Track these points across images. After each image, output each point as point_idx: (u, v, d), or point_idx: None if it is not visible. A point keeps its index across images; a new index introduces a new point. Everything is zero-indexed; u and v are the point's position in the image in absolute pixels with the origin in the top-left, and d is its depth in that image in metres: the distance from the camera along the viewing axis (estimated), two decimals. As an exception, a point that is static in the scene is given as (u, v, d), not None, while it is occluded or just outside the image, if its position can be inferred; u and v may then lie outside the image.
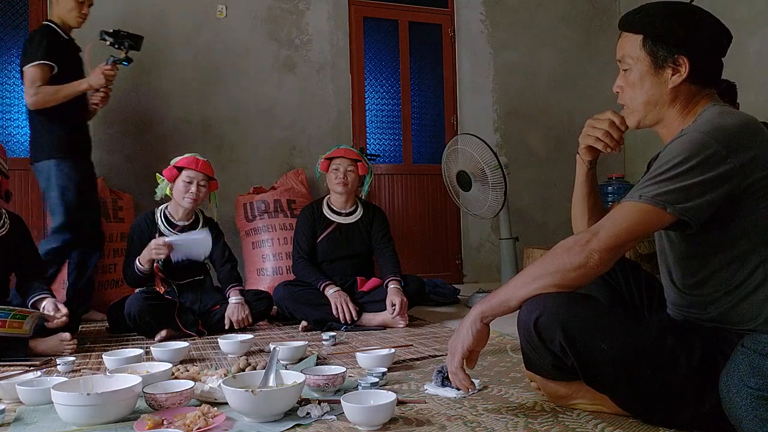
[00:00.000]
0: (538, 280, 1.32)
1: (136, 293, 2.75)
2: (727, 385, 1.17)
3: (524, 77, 5.16)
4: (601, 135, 1.46)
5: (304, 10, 4.50)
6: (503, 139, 5.07)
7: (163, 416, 1.43)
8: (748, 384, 1.13)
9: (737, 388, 1.14)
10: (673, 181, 1.23)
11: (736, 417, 1.15)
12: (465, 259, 4.98)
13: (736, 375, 1.15)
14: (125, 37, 3.17)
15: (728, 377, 1.17)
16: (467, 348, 1.37)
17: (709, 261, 1.31)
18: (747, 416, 1.12)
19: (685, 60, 1.32)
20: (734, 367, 1.17)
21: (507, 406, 1.55)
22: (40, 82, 3.01)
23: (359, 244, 3.17)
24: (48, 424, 1.49)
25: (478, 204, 3.68)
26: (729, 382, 1.16)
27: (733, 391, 1.15)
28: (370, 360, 1.95)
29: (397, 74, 4.88)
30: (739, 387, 1.14)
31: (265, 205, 3.94)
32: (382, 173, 4.78)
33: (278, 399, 1.45)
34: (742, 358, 1.17)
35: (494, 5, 5.07)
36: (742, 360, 1.16)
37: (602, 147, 1.47)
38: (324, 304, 2.87)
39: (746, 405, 1.13)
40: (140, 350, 2.12)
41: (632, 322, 1.33)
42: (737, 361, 1.17)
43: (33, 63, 3.02)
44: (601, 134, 1.46)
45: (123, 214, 3.68)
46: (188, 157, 2.91)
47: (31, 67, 3.02)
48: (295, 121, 4.46)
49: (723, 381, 1.18)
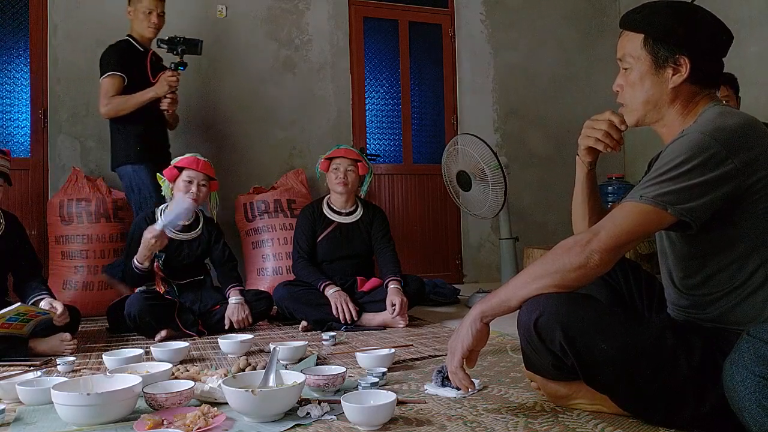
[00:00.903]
0: (538, 280, 1.32)
1: (136, 293, 2.75)
2: (731, 373, 1.15)
3: (524, 77, 5.16)
4: (600, 136, 1.46)
5: (304, 10, 4.50)
6: (503, 139, 5.07)
7: (163, 416, 1.42)
8: (754, 371, 1.12)
9: (742, 376, 1.13)
10: (674, 181, 1.23)
11: (740, 405, 1.14)
12: (465, 259, 4.98)
13: (741, 363, 1.14)
14: (179, 42, 3.30)
15: (732, 365, 1.16)
16: (467, 348, 1.37)
17: (709, 261, 1.31)
18: (750, 404, 1.11)
19: (686, 60, 1.32)
20: (739, 355, 1.15)
21: (507, 406, 1.55)
22: (112, 93, 3.22)
23: (359, 244, 3.17)
24: (48, 424, 1.49)
25: (478, 204, 3.67)
26: (733, 370, 1.15)
27: (737, 379, 1.13)
28: (370, 360, 1.95)
29: (397, 74, 4.88)
30: (743, 375, 1.13)
31: (265, 205, 3.94)
32: (382, 173, 4.78)
33: (278, 399, 1.45)
34: (747, 347, 1.15)
35: (494, 5, 5.07)
36: (747, 348, 1.15)
37: (602, 147, 1.47)
38: (324, 304, 2.87)
39: (750, 393, 1.11)
40: (140, 350, 2.12)
41: (632, 322, 1.33)
42: (742, 349, 1.16)
43: (104, 75, 3.26)
44: (600, 135, 1.46)
45: (123, 214, 3.68)
46: (189, 157, 2.91)
47: (103, 79, 3.25)
48: (295, 121, 4.46)
49: (727, 369, 1.17)
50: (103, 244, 3.57)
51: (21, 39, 3.92)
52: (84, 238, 3.54)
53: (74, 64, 3.93)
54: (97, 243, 3.56)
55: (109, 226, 3.59)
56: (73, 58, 3.93)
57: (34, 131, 3.89)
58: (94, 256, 3.54)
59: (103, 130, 3.95)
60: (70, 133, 3.92)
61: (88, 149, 3.95)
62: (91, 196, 3.63)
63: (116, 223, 3.64)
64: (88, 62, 3.94)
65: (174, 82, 3.26)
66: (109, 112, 3.25)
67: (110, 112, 3.25)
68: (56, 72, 3.90)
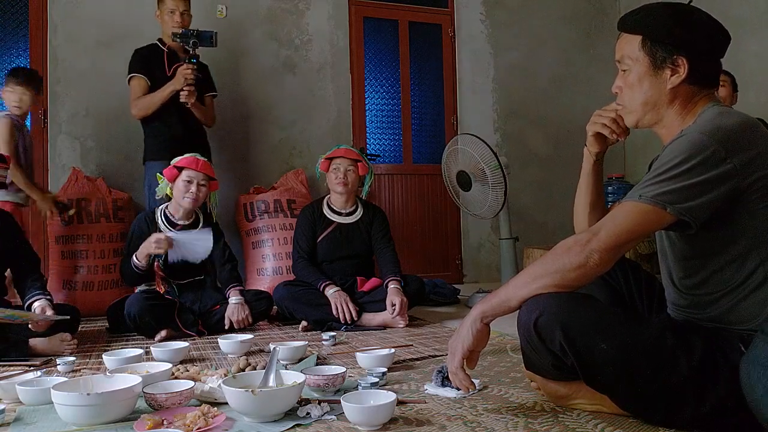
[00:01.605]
0: (538, 280, 1.32)
1: (136, 293, 2.75)
2: (748, 372, 1.15)
3: (524, 77, 5.16)
4: (608, 122, 1.48)
5: (304, 10, 4.50)
6: (503, 139, 5.07)
7: (163, 416, 1.42)
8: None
9: (759, 374, 1.12)
10: (673, 181, 1.23)
11: (758, 403, 1.13)
12: (465, 259, 4.98)
13: (758, 361, 1.14)
14: (192, 35, 3.35)
15: (749, 364, 1.15)
16: (467, 348, 1.37)
17: (709, 261, 1.31)
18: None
19: (684, 61, 1.32)
20: (755, 353, 1.15)
21: (507, 406, 1.55)
22: (138, 94, 3.40)
23: (359, 244, 3.17)
24: (48, 424, 1.49)
25: (478, 204, 3.68)
26: (750, 369, 1.15)
27: (755, 378, 1.13)
28: (370, 360, 1.95)
29: (397, 74, 4.88)
30: (760, 373, 1.12)
31: (265, 205, 3.95)
32: (382, 173, 4.78)
33: (278, 399, 1.45)
34: (762, 345, 1.15)
35: (494, 5, 5.07)
36: (762, 346, 1.15)
37: (608, 133, 1.49)
38: (324, 304, 2.87)
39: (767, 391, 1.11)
40: (140, 350, 2.12)
41: (632, 322, 1.33)
42: (757, 347, 1.16)
43: (128, 77, 3.45)
44: (608, 121, 1.48)
45: (123, 214, 3.69)
46: (188, 157, 2.91)
47: (129, 82, 3.44)
48: (295, 121, 4.46)
49: (743, 368, 1.17)
50: (102, 244, 3.57)
51: (21, 39, 3.93)
52: (84, 237, 3.54)
53: (74, 64, 3.93)
54: (97, 243, 3.56)
55: (109, 226, 3.60)
56: (73, 58, 3.93)
57: (34, 131, 3.89)
58: (94, 256, 3.54)
59: (103, 130, 3.97)
60: (70, 133, 3.92)
61: (88, 149, 3.95)
62: (91, 196, 3.63)
63: (116, 223, 3.64)
64: (88, 62, 3.95)
65: (189, 74, 3.30)
66: (138, 113, 3.43)
67: (139, 113, 3.42)
68: (56, 72, 3.90)
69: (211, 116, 3.65)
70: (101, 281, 3.50)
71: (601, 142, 1.55)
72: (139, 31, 3.97)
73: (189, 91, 3.34)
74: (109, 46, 3.98)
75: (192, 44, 3.33)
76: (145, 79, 3.41)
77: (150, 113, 3.39)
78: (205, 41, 3.38)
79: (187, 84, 3.31)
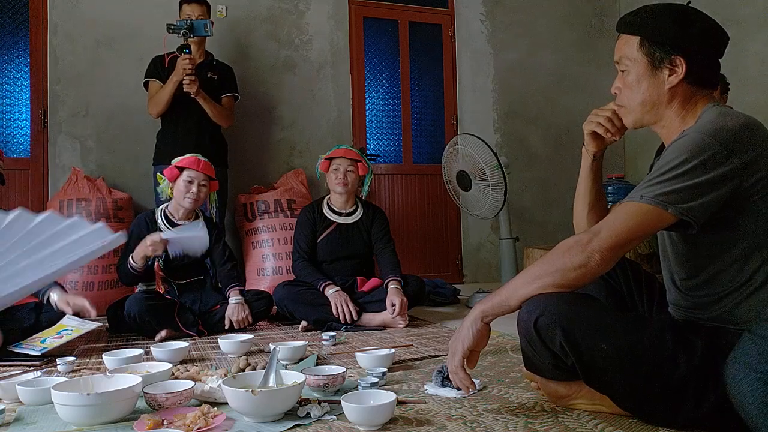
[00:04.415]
0: (539, 280, 1.32)
1: (136, 293, 2.75)
2: (734, 371, 1.16)
3: (524, 77, 5.16)
4: (603, 121, 1.50)
5: (304, 10, 4.50)
6: (503, 139, 5.07)
7: (163, 416, 1.42)
8: (756, 369, 1.12)
9: (744, 373, 1.13)
10: (674, 181, 1.23)
11: (742, 403, 1.14)
12: (465, 259, 4.98)
13: (743, 360, 1.14)
14: (182, 27, 3.38)
15: (735, 363, 1.16)
16: (468, 348, 1.38)
17: (710, 262, 1.31)
18: (753, 402, 1.11)
19: (682, 61, 1.33)
20: (741, 353, 1.16)
21: (507, 406, 1.55)
22: (153, 95, 3.51)
23: (359, 244, 3.17)
24: (48, 424, 1.49)
25: (478, 204, 3.68)
26: (735, 367, 1.15)
27: (740, 377, 1.14)
28: (370, 360, 1.95)
29: (397, 74, 4.88)
30: (746, 372, 1.13)
31: (265, 205, 3.95)
32: (382, 173, 4.78)
33: (278, 399, 1.45)
34: (749, 345, 1.15)
35: (494, 5, 5.07)
36: (749, 346, 1.15)
37: (603, 132, 1.50)
38: (324, 304, 2.87)
39: (753, 390, 1.12)
40: (140, 350, 2.11)
41: (632, 322, 1.33)
42: (744, 347, 1.16)
43: (143, 82, 3.59)
44: (603, 120, 1.50)
45: (123, 214, 3.69)
46: (189, 158, 2.91)
47: (146, 87, 3.57)
48: (295, 121, 4.46)
49: (729, 367, 1.17)
50: (102, 244, 3.56)
51: (21, 39, 3.92)
52: (84, 238, 3.53)
53: (74, 64, 3.93)
54: (97, 243, 3.55)
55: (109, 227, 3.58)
56: (73, 58, 3.93)
57: (34, 131, 3.89)
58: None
59: (103, 130, 3.97)
60: (70, 133, 3.92)
61: (88, 149, 3.95)
62: (91, 196, 3.63)
63: (116, 223, 3.63)
64: (88, 62, 3.95)
65: (186, 64, 3.33)
66: (153, 110, 3.53)
67: (154, 109, 3.53)
68: (56, 72, 3.90)
69: (225, 116, 3.65)
70: (101, 281, 3.50)
71: (598, 142, 1.55)
72: (138, 31, 3.98)
73: (190, 81, 3.37)
74: (109, 46, 3.98)
75: (183, 34, 3.36)
76: (158, 83, 3.50)
77: (163, 108, 3.47)
78: (199, 30, 3.41)
79: (186, 74, 3.34)
